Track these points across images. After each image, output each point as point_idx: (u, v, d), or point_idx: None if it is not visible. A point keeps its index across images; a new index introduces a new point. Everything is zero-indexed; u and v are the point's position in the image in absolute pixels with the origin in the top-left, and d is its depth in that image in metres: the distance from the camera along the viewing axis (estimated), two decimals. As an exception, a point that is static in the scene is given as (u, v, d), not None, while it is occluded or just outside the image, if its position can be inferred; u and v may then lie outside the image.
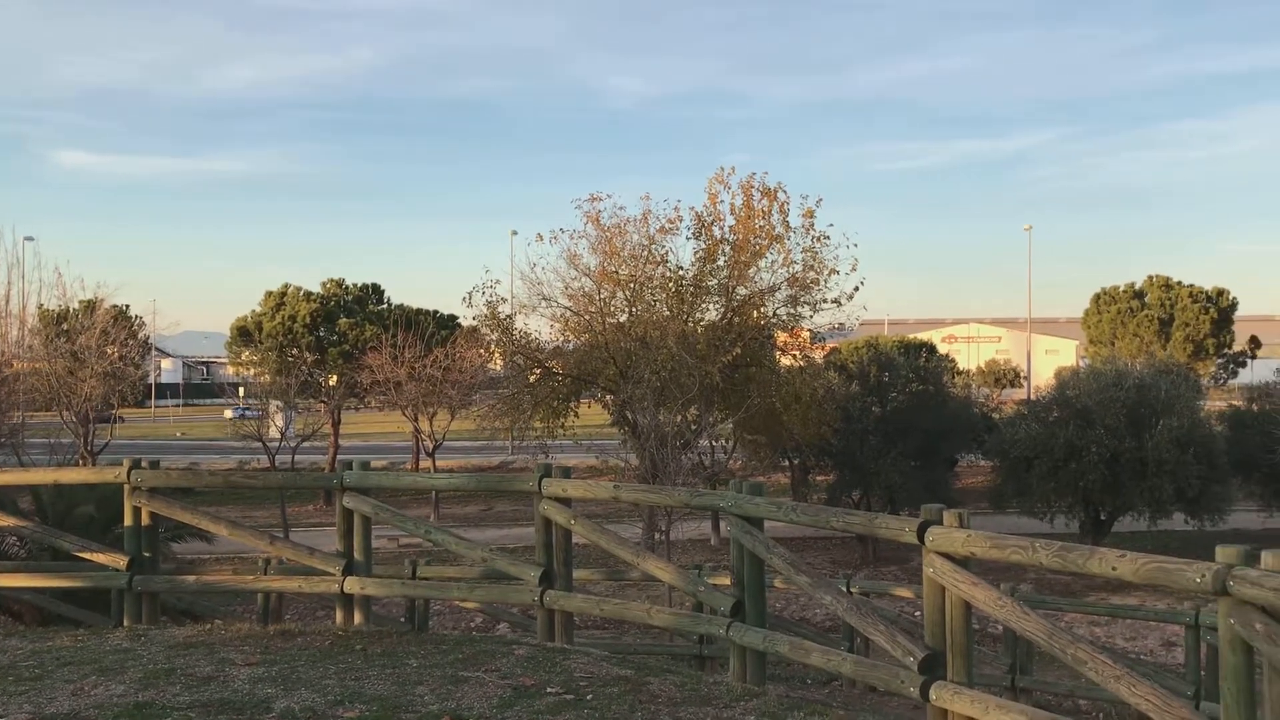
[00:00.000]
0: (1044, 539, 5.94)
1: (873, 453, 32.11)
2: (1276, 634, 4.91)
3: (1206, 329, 59.64)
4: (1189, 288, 61.16)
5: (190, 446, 62.53)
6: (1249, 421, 33.00)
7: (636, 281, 27.22)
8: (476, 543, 10.57)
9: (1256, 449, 30.87)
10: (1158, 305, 60.81)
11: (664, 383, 25.24)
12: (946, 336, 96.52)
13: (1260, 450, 30.53)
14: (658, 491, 10.63)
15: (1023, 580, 18.75)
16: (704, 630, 8.86)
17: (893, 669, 6.56)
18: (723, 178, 27.86)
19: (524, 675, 7.35)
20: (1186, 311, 59.88)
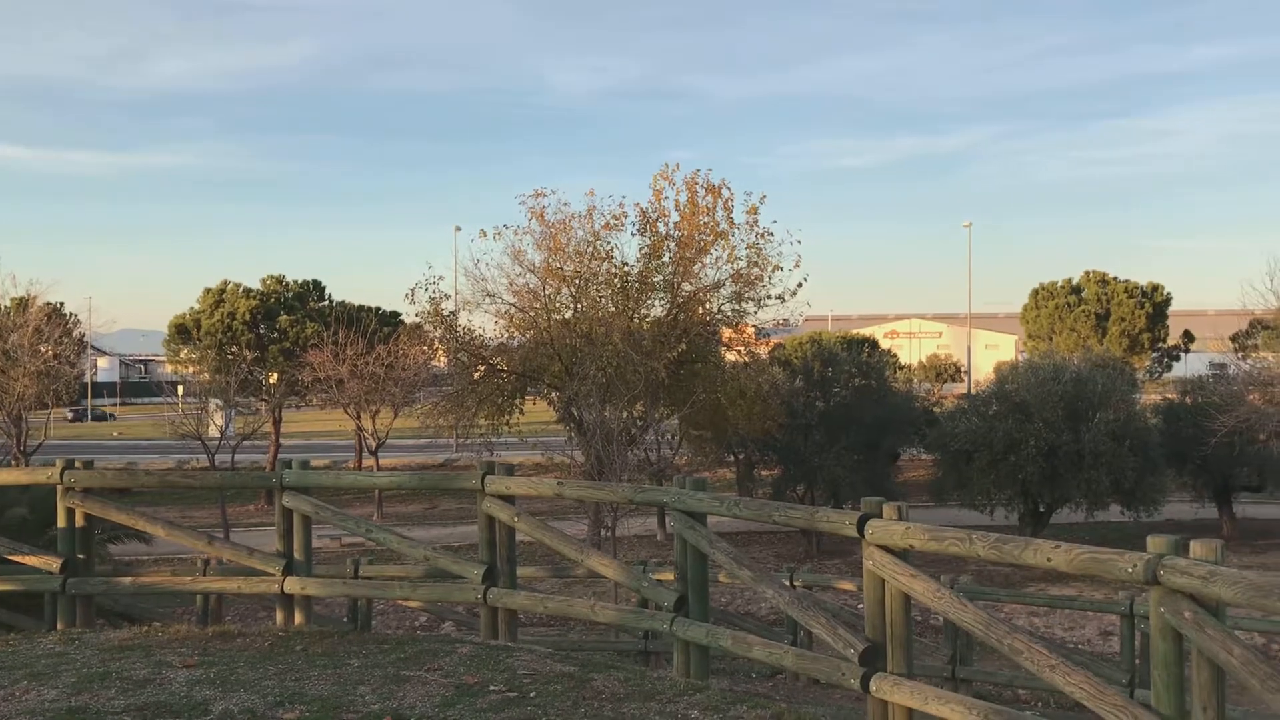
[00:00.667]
0: (981, 531, 6.02)
1: (816, 447, 32.36)
2: (1204, 622, 5.02)
3: (1142, 324, 60.82)
4: (1125, 283, 62.32)
5: (127, 446, 61.42)
6: (1182, 414, 33.68)
7: (582, 277, 27.19)
8: (419, 541, 10.50)
9: (1189, 441, 31.52)
10: (1094, 301, 61.90)
11: (610, 379, 25.25)
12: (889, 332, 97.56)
13: (1193, 442, 31.18)
14: (602, 488, 10.63)
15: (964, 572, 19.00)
16: (648, 626, 8.88)
17: (834, 661, 6.62)
18: (667, 174, 27.96)
19: (467, 674, 7.32)
20: (1122, 307, 61.03)
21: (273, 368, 45.82)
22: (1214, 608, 5.06)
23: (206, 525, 31.84)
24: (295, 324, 45.86)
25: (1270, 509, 36.29)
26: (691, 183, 27.71)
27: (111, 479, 11.35)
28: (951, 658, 13.77)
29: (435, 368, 37.77)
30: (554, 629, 20.77)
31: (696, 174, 27.85)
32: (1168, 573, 5.07)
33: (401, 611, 23.09)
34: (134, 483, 24.06)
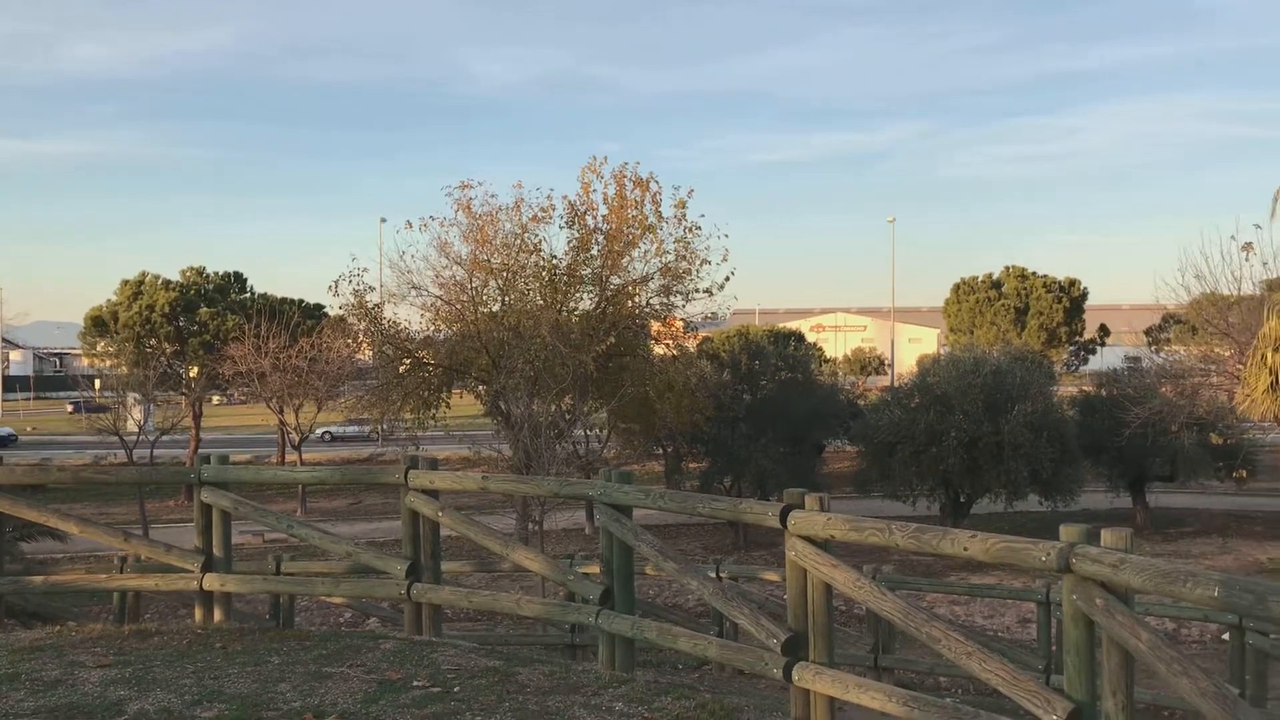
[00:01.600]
0: (900, 521, 6.11)
1: (743, 439, 32.60)
2: (1115, 608, 5.15)
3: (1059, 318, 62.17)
4: (1043, 278, 63.64)
5: (42, 442, 59.78)
6: (1098, 406, 34.52)
7: (509, 270, 27.04)
8: (342, 537, 10.38)
9: (1105, 433, 32.31)
10: (1014, 295, 63.12)
11: (538, 372, 25.18)
12: (815, 326, 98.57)
13: (1108, 434, 31.96)
14: (527, 482, 10.58)
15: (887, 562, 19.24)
16: (573, 619, 8.87)
17: (757, 651, 6.67)
18: (595, 167, 27.93)
19: (390, 669, 7.26)
20: (1041, 301, 62.31)
21: (193, 361, 44.96)
22: (1124, 594, 5.20)
23: (125, 522, 31.13)
24: (216, 317, 45.02)
25: (1182, 498, 37.36)
26: (620, 176, 27.75)
27: (22, 475, 11.03)
28: (874, 646, 13.97)
29: (360, 361, 37.34)
30: (481, 624, 20.69)
31: (625, 167, 27.91)
32: (1079, 561, 5.19)
33: (326, 608, 22.82)
34: (47, 479, 23.38)
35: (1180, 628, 21.94)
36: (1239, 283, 29.36)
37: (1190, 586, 4.68)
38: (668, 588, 24.75)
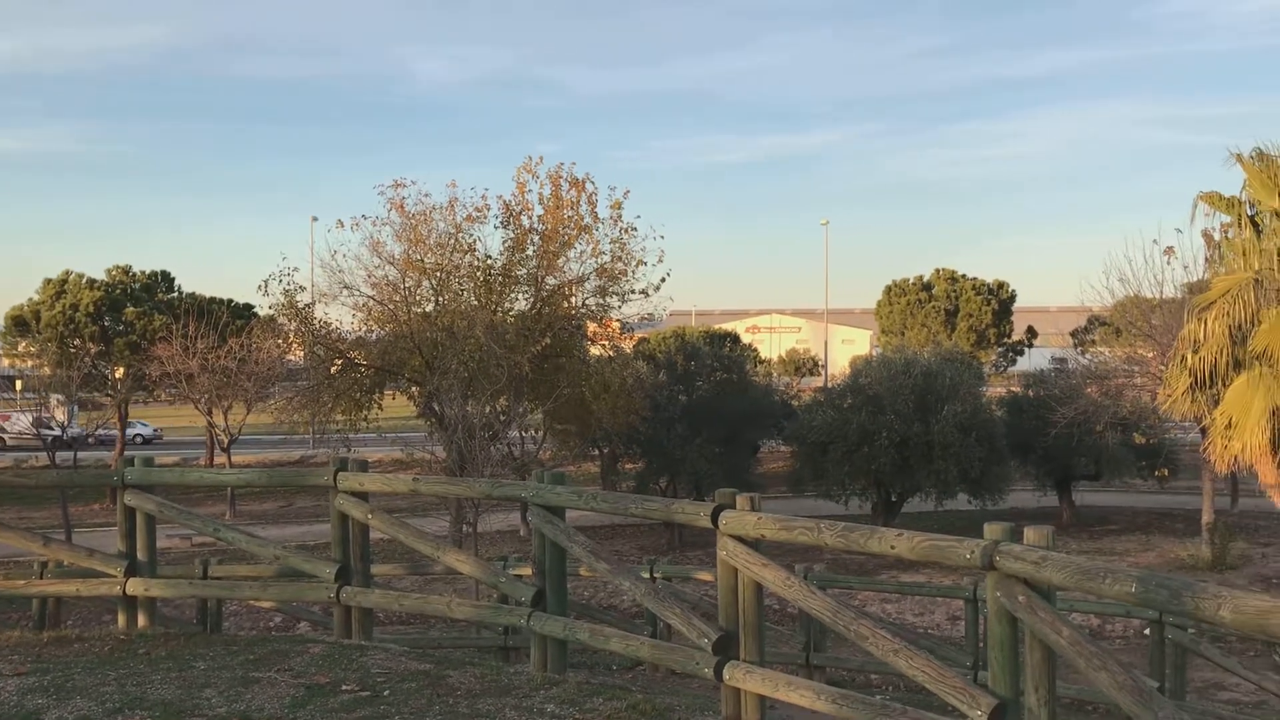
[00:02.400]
0: (829, 520, 6.18)
1: (679, 440, 32.70)
2: (1037, 605, 5.25)
3: (988, 319, 63.29)
4: (973, 280, 64.76)
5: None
6: (1025, 406, 35.15)
7: (443, 270, 26.82)
8: (270, 540, 10.24)
9: (1032, 432, 32.92)
10: (944, 297, 64.14)
11: (472, 373, 25.00)
12: (750, 327, 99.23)
13: (1035, 434, 32.56)
14: (459, 484, 10.54)
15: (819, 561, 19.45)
16: (505, 621, 8.84)
17: (688, 651, 6.71)
18: (531, 167, 27.81)
19: (318, 673, 7.18)
20: (970, 303, 63.39)
21: (119, 361, 44.01)
22: (1046, 591, 5.31)
23: (47, 526, 30.38)
24: (143, 316, 44.10)
25: (1106, 496, 38.19)
26: (556, 176, 27.65)
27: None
28: (806, 644, 14.09)
29: (291, 362, 36.81)
30: (414, 627, 20.50)
31: (560, 167, 27.82)
32: (1003, 558, 5.29)
33: (256, 612, 22.47)
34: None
35: (1105, 624, 22.42)
36: (1161, 286, 30.14)
37: (1109, 583, 4.79)
38: (603, 589, 24.74)
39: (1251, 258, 19.05)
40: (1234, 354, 18.51)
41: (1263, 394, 17.90)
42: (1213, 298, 18.88)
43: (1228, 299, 18.41)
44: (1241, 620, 4.19)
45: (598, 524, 33.79)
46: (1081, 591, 5.16)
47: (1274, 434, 17.92)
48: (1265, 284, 18.28)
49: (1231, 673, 14.05)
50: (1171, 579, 4.61)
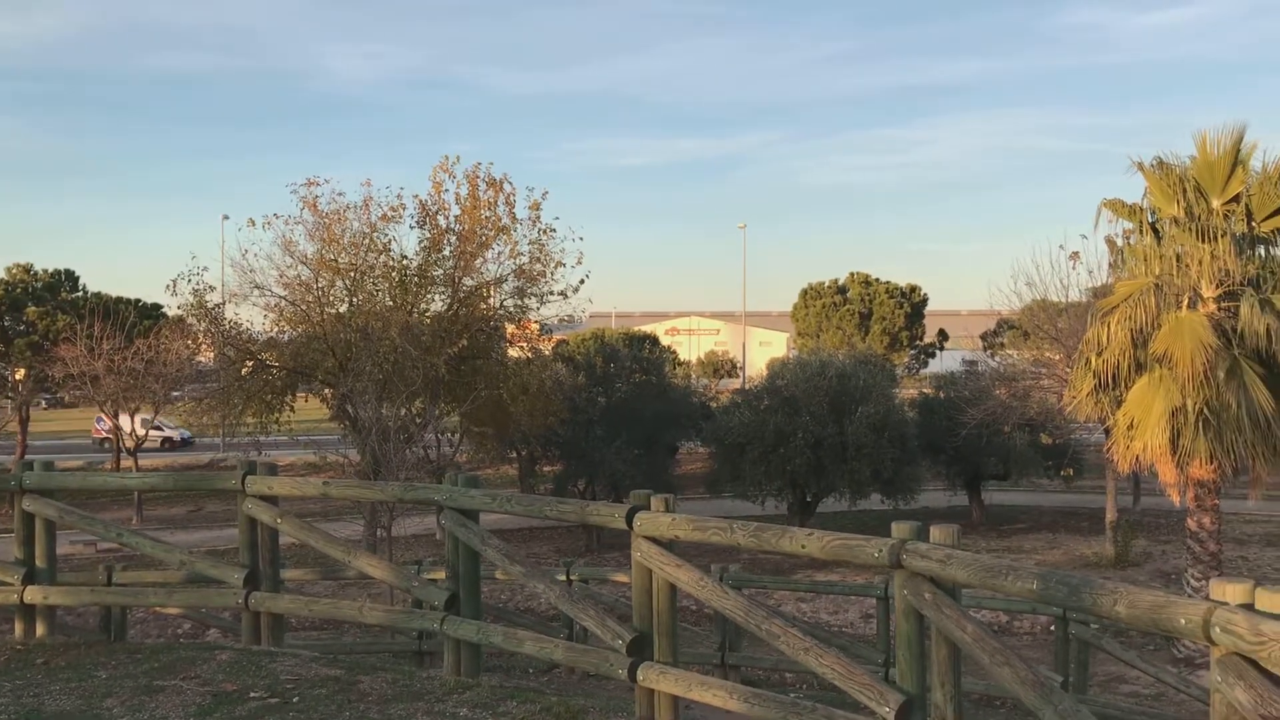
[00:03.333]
0: (742, 520, 6.23)
1: (598, 442, 32.70)
2: (943, 602, 5.36)
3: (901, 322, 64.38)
4: (886, 284, 65.83)
5: None
6: (936, 408, 35.81)
7: (357, 270, 26.49)
8: (175, 545, 10.00)
9: (943, 433, 33.56)
10: (858, 300, 65.10)
11: (387, 375, 24.72)
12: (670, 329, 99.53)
13: (946, 434, 33.21)
14: (370, 487, 10.40)
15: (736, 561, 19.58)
16: (418, 626, 8.75)
17: (602, 652, 6.71)
18: (447, 167, 27.61)
19: (226, 681, 7.03)
20: (884, 306, 64.42)
21: (19, 363, 42.64)
22: (951, 588, 5.42)
23: (-60, 534, 29.30)
24: (45, 316, 42.77)
25: (1014, 495, 39.09)
26: (473, 176, 27.49)
27: None
28: (721, 644, 14.18)
29: (200, 363, 36.02)
30: (328, 633, 20.19)
31: (478, 167, 27.67)
32: (910, 557, 5.38)
33: (164, 620, 21.93)
34: None
35: (1013, 620, 22.93)
36: (1067, 290, 30.99)
37: (1011, 580, 4.91)
38: (520, 591, 24.62)
39: (1152, 263, 19.67)
40: (1136, 356, 19.08)
41: (1163, 395, 18.48)
42: (1115, 302, 19.44)
43: (1130, 303, 18.98)
44: (1135, 615, 4.33)
45: (516, 527, 33.63)
46: (985, 589, 5.28)
47: (1173, 434, 18.51)
48: (1165, 289, 18.88)
49: (1131, 666, 14.48)
50: (1070, 576, 4.74)
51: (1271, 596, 3.91)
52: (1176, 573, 24.49)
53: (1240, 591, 4.00)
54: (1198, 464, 18.86)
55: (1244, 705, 3.83)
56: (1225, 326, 18.34)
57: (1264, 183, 19.09)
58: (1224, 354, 18.03)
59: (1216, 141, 19.24)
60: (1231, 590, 4.03)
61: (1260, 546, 30.75)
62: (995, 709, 14.57)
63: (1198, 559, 20.04)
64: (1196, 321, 18.11)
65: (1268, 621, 3.75)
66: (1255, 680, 3.79)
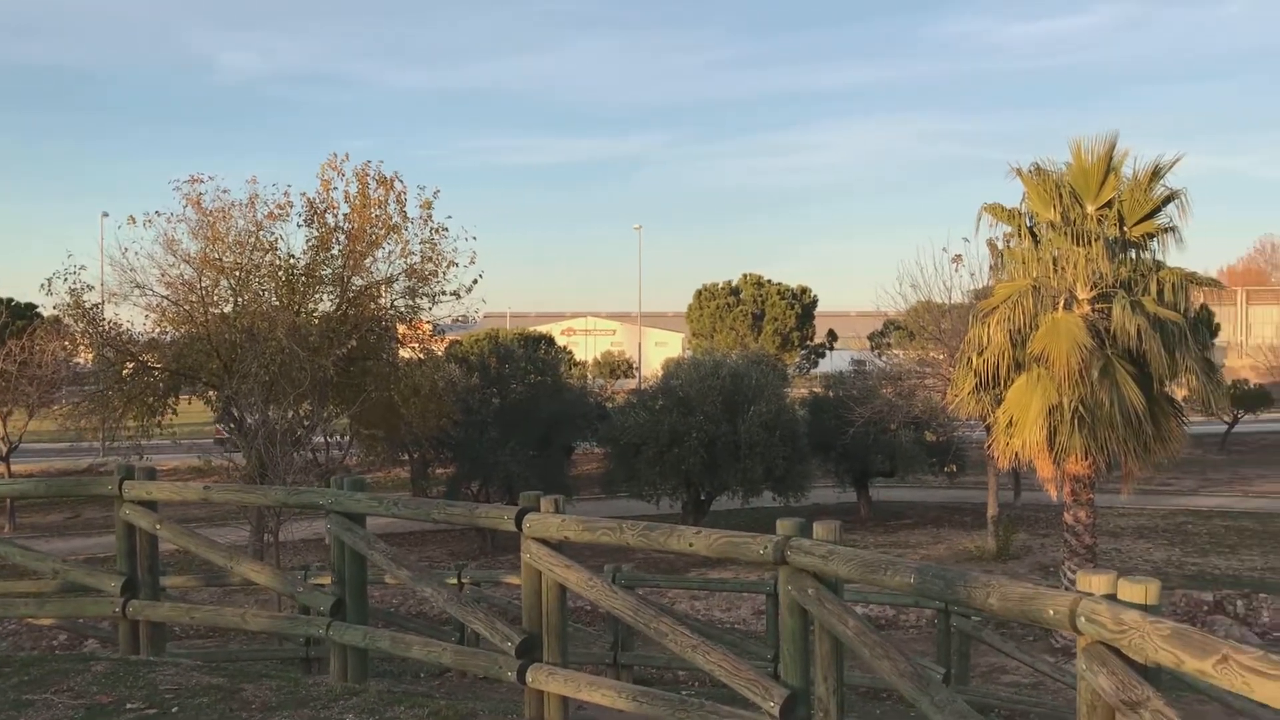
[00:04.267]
0: (631, 520, 6.27)
1: (492, 443, 32.49)
2: (825, 597, 5.48)
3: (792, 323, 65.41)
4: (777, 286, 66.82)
5: None
6: (826, 407, 36.44)
7: (243, 269, 25.83)
8: (49, 553, 9.65)
9: (832, 431, 34.17)
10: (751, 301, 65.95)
11: (273, 377, 24.16)
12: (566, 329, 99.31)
13: (835, 433, 33.82)
14: (254, 491, 10.19)
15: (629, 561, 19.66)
16: (303, 632, 8.60)
17: (492, 655, 6.69)
18: (336, 164, 27.08)
19: (100, 693, 6.82)
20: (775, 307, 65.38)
21: (-122, 365, 40.54)
22: (834, 583, 5.54)
23: None
24: (-93, 316, 40.83)
25: (901, 492, 40.00)
26: (362, 174, 27.00)
27: None
28: (614, 644, 14.23)
29: (78, 365, 34.74)
30: (213, 641, 19.67)
31: (368, 165, 27.16)
32: (794, 553, 5.49)
33: (38, 631, 21.08)
34: None
35: (899, 614, 23.46)
36: (950, 292, 31.87)
37: (890, 574, 5.04)
38: (412, 596, 24.32)
39: (1030, 266, 20.35)
40: (1015, 356, 19.73)
41: (1040, 394, 19.14)
42: (995, 303, 20.07)
43: (1009, 305, 19.61)
44: (1007, 606, 4.49)
45: (408, 530, 33.22)
46: (866, 583, 5.41)
47: (1050, 431, 19.19)
48: (1043, 291, 19.55)
49: (1010, 656, 14.95)
50: (946, 570, 4.89)
51: (1133, 587, 4.10)
52: (1055, 565, 25.33)
53: (1104, 582, 4.18)
54: (1073, 460, 19.58)
55: (1107, 692, 4.01)
56: (1099, 327, 19.07)
57: (1135, 189, 19.92)
58: (1098, 354, 18.75)
59: (1090, 149, 20.02)
60: (1096, 581, 4.21)
61: (1133, 539, 32.03)
62: (881, 701, 14.91)
63: (1074, 551, 20.80)
64: (1072, 322, 18.79)
65: (1128, 611, 3.92)
66: (1117, 667, 3.96)
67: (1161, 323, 18.89)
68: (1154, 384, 19.41)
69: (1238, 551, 30.24)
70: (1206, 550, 30.37)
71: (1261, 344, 72.85)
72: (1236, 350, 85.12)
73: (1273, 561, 28.86)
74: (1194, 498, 39.62)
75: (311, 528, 31.93)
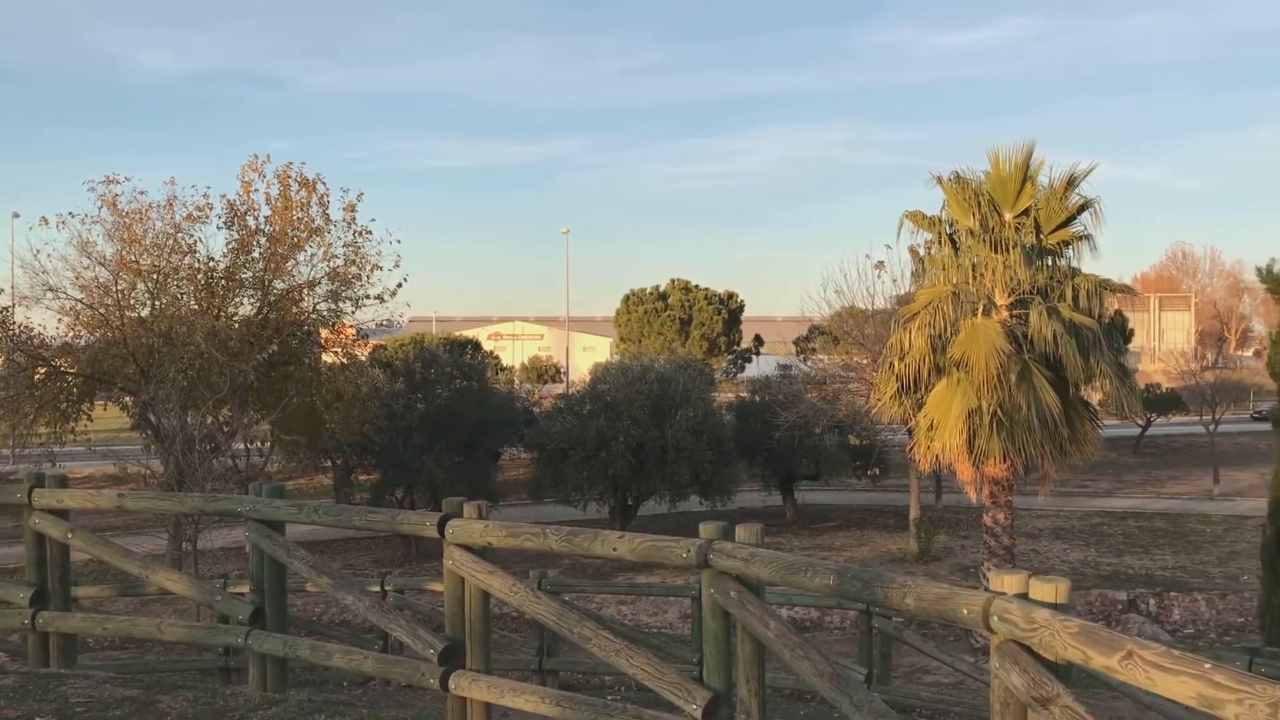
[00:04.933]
0: (555, 526, 6.26)
1: (417, 449, 32.19)
2: (748, 599, 5.52)
3: (719, 328, 65.79)
4: (704, 291, 67.18)
5: None
6: (752, 411, 36.74)
7: (160, 272, 25.29)
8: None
9: (758, 435, 34.47)
10: (679, 306, 66.21)
11: (192, 382, 23.69)
12: (493, 334, 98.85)
13: (761, 436, 34.12)
14: (169, 499, 9.98)
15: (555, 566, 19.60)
16: (221, 641, 8.45)
17: (414, 663, 6.63)
18: (257, 165, 26.64)
19: (8, 708, 6.62)
20: (703, 312, 65.72)
21: None
22: (756, 586, 5.59)
23: None
24: None
25: (826, 495, 40.46)
26: (284, 176, 26.59)
27: None
28: (539, 650, 14.16)
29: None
30: (129, 652, 19.21)
31: (289, 167, 26.78)
32: (716, 556, 5.53)
33: (-58, 646, 20.41)
34: None
35: (824, 615, 23.73)
36: (873, 298, 32.36)
37: (810, 576, 5.09)
38: (335, 604, 24.01)
39: (950, 272, 20.72)
40: (935, 361, 20.07)
41: (960, 398, 19.49)
42: (917, 309, 20.40)
43: (929, 310, 19.95)
44: (923, 606, 4.56)
45: (335, 538, 32.77)
46: (787, 585, 5.46)
47: (970, 435, 19.54)
48: (962, 297, 19.92)
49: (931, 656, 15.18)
50: (865, 571, 4.96)
51: (1043, 586, 4.19)
52: (975, 566, 25.81)
53: (1016, 582, 4.27)
54: (992, 463, 19.97)
55: (1019, 689, 4.09)
56: (1016, 333, 19.48)
57: (1050, 197, 20.40)
58: (1015, 358, 19.16)
59: (1008, 158, 20.46)
60: (1008, 581, 4.30)
61: (1050, 540, 32.75)
62: (806, 702, 15.03)
63: (993, 552, 21.21)
64: (990, 328, 19.17)
65: (1039, 610, 4.01)
66: (1029, 665, 4.05)
67: (1077, 328, 19.35)
68: (1069, 388, 19.89)
69: (1150, 551, 31.08)
70: (1121, 550, 31.17)
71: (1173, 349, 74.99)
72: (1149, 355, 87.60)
73: (1183, 560, 29.71)
74: (1109, 499, 40.67)
75: (231, 536, 31.32)
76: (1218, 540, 32.33)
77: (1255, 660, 10.54)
